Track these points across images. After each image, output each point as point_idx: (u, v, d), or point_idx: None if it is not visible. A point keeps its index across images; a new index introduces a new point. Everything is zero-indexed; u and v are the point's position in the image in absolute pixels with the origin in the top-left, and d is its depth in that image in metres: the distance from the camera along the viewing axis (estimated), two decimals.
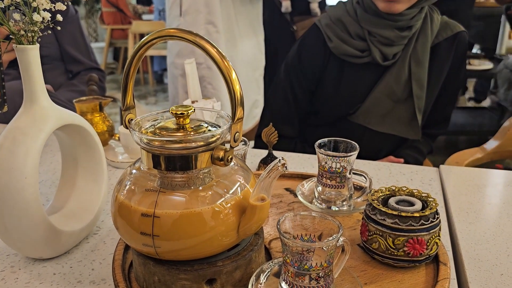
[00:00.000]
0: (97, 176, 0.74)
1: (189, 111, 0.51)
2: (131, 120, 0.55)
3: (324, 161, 0.71)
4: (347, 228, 0.69)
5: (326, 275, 0.49)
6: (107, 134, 1.07)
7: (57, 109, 0.64)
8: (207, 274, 0.51)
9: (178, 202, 0.49)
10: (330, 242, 0.47)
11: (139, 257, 0.54)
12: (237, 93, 0.48)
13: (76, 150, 0.72)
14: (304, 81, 1.25)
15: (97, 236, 0.72)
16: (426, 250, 0.57)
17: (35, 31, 0.60)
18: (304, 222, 0.52)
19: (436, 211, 0.59)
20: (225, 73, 0.47)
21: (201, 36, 0.48)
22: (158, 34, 0.50)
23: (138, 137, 0.51)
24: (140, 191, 0.51)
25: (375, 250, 0.59)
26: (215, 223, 0.49)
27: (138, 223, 0.50)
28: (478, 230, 0.74)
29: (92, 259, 0.66)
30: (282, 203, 0.77)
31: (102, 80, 1.52)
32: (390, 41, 1.15)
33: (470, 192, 0.88)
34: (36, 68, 0.60)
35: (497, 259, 0.66)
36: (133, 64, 0.53)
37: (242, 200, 0.52)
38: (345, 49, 1.18)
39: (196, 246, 0.49)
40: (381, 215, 0.58)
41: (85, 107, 1.05)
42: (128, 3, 5.26)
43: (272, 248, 0.64)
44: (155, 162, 0.51)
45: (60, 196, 0.73)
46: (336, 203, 0.73)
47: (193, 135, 0.50)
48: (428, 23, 1.18)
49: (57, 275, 0.62)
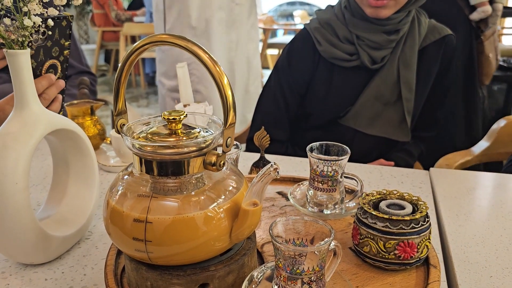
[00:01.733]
0: (88, 180, 0.73)
1: (181, 116, 0.51)
2: (123, 125, 0.55)
3: (316, 165, 0.72)
4: (339, 231, 0.70)
5: (318, 279, 0.49)
6: (98, 137, 1.07)
7: (48, 114, 0.64)
8: (200, 279, 0.51)
9: (170, 207, 0.49)
10: (322, 246, 0.48)
11: (131, 262, 0.54)
12: (229, 98, 0.48)
13: (67, 155, 0.72)
14: (294, 85, 1.25)
15: (89, 241, 0.72)
16: (416, 253, 0.58)
17: (26, 36, 0.60)
18: (296, 226, 0.53)
19: (426, 214, 0.59)
20: (216, 78, 0.48)
21: (192, 42, 0.48)
22: (149, 40, 0.50)
23: (130, 142, 0.51)
24: (132, 196, 0.51)
25: (366, 253, 0.60)
26: (208, 228, 0.49)
27: (131, 229, 0.50)
28: (468, 232, 0.75)
29: (84, 264, 0.66)
30: (275, 206, 0.78)
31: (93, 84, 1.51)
32: (378, 44, 1.16)
33: (460, 194, 0.89)
34: (27, 73, 0.60)
35: (487, 261, 0.67)
36: (125, 70, 0.53)
37: (234, 205, 0.52)
38: (334, 53, 1.19)
39: (188, 251, 0.50)
40: (372, 218, 0.59)
41: (76, 111, 1.05)
42: (112, 10, 5.23)
43: (265, 252, 0.64)
44: (147, 168, 0.51)
45: (51, 201, 0.73)
46: (328, 207, 0.74)
47: (185, 140, 0.50)
48: (415, 26, 1.19)
49: (49, 280, 0.62)
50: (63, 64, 0.81)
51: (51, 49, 0.76)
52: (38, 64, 0.76)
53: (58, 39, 0.77)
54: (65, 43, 0.79)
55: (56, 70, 0.80)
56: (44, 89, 0.79)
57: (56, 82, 0.81)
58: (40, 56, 0.75)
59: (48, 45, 0.75)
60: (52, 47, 0.76)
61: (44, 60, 0.76)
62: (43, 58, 0.76)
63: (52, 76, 0.79)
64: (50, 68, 0.79)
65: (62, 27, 0.77)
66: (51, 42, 0.76)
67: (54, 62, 0.78)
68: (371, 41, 1.16)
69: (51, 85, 0.79)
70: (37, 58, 0.75)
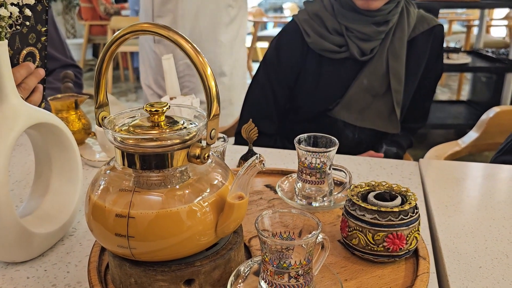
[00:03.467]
0: (72, 176, 0.72)
1: (164, 108, 0.50)
2: (104, 118, 0.54)
3: (304, 157, 0.71)
4: (328, 224, 0.69)
5: (305, 272, 0.48)
6: (83, 132, 1.05)
7: (28, 107, 0.62)
8: (185, 275, 0.50)
9: (153, 201, 0.48)
10: (309, 239, 0.47)
11: (114, 258, 0.52)
12: (212, 89, 0.47)
13: (50, 150, 0.70)
14: (283, 77, 1.24)
15: (73, 238, 0.70)
16: (405, 245, 0.57)
17: (3, 27, 0.58)
18: (284, 219, 0.51)
19: (415, 205, 0.59)
20: (199, 68, 0.46)
21: (174, 31, 0.46)
22: (130, 29, 0.49)
23: (112, 135, 0.49)
24: (114, 191, 0.50)
25: (355, 246, 0.59)
26: (192, 223, 0.48)
27: (113, 224, 0.48)
28: (457, 223, 0.75)
29: (68, 262, 0.64)
30: (263, 200, 0.77)
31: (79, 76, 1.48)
32: (368, 36, 1.15)
33: (449, 185, 0.89)
34: (5, 65, 0.58)
35: (476, 252, 0.67)
36: (106, 60, 0.51)
37: (219, 199, 0.51)
38: (323, 44, 1.17)
39: (173, 246, 0.48)
40: (361, 210, 0.58)
41: (60, 105, 1.02)
42: (100, 4, 5.15)
43: (252, 246, 0.63)
44: (130, 161, 0.50)
45: (33, 197, 0.71)
46: (317, 199, 0.73)
47: (168, 132, 0.49)
48: (404, 17, 1.18)
49: (31, 279, 0.60)
50: (41, 52, 0.78)
51: (27, 35, 0.73)
52: (14, 52, 0.73)
53: (34, 25, 0.73)
54: (41, 29, 0.76)
55: (35, 58, 0.77)
56: (23, 78, 0.75)
57: (35, 71, 0.77)
58: (16, 44, 0.72)
59: (24, 31, 0.72)
60: (28, 34, 0.73)
61: (21, 47, 0.73)
62: (19, 46, 0.73)
63: (31, 64, 0.76)
64: (28, 56, 0.75)
65: (37, 12, 0.73)
66: (27, 28, 0.72)
67: (32, 50, 0.75)
68: (360, 32, 1.15)
69: (30, 74, 0.76)
70: (13, 45, 0.72)
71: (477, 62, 3.00)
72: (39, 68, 0.78)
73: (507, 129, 1.29)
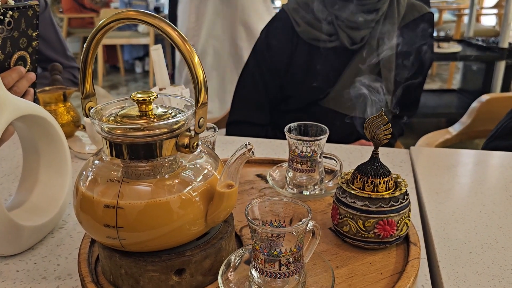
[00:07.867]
0: (61, 168, 0.71)
1: (151, 97, 0.49)
2: (91, 108, 0.53)
3: (295, 145, 0.70)
4: (319, 212, 0.69)
5: (296, 260, 0.48)
6: (72, 124, 1.04)
7: (14, 99, 0.61)
8: (176, 265, 0.50)
9: (142, 191, 0.48)
10: (300, 226, 0.46)
11: (104, 250, 0.52)
12: (200, 77, 0.46)
13: (37, 142, 0.69)
14: (273, 67, 1.23)
15: (63, 230, 0.70)
16: (396, 231, 0.57)
17: None
18: (274, 207, 0.51)
19: (405, 191, 0.59)
20: (187, 56, 0.46)
21: (160, 18, 0.46)
22: (116, 17, 0.48)
23: (99, 125, 0.49)
24: (102, 182, 0.49)
25: (346, 233, 0.59)
26: (182, 212, 0.48)
27: (102, 215, 0.48)
28: (448, 209, 0.75)
29: (58, 254, 0.64)
30: (254, 189, 0.76)
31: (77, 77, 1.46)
32: (357, 24, 1.14)
33: (440, 172, 0.89)
34: None
35: (466, 238, 0.67)
36: (91, 50, 0.51)
37: (209, 188, 0.50)
38: (313, 34, 1.17)
39: (162, 236, 0.48)
40: (351, 197, 0.58)
41: (48, 97, 1.01)
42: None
43: (244, 235, 0.63)
44: (118, 151, 0.49)
45: (22, 190, 0.70)
46: (308, 188, 0.73)
47: (156, 122, 0.48)
48: (394, 5, 1.18)
49: (21, 272, 0.60)
50: (32, 56, 0.79)
51: (19, 40, 0.74)
52: (6, 56, 0.73)
53: (25, 29, 0.74)
54: (32, 33, 0.76)
55: (26, 62, 0.77)
56: (14, 82, 0.76)
57: (26, 75, 0.78)
58: (7, 48, 0.72)
59: (15, 36, 0.72)
60: (19, 38, 0.73)
61: (12, 52, 0.74)
62: (10, 50, 0.73)
63: (22, 68, 0.76)
64: (19, 60, 0.76)
65: (28, 16, 0.74)
66: (18, 32, 0.73)
67: (23, 54, 0.75)
68: (350, 21, 1.14)
69: (21, 78, 0.77)
70: (4, 49, 0.72)
71: (468, 51, 3.01)
72: (30, 72, 0.79)
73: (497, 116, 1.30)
